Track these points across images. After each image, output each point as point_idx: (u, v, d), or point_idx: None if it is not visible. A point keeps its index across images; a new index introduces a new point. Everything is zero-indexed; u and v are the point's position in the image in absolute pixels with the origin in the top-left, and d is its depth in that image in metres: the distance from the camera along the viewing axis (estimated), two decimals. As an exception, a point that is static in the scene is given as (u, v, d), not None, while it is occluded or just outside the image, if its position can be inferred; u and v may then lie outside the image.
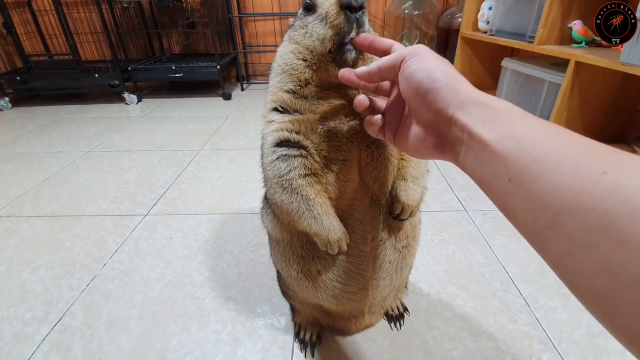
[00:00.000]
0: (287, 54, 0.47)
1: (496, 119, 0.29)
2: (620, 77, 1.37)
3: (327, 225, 0.48)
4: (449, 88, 0.31)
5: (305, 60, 0.45)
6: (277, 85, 0.49)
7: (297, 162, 0.45)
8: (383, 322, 0.76)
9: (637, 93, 1.48)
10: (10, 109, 2.29)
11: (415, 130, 0.35)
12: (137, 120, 2.05)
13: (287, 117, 0.47)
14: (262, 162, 0.51)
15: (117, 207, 1.19)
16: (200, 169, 1.44)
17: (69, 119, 2.09)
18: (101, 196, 1.26)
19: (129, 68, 2.30)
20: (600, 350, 0.68)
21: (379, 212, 0.52)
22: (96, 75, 2.24)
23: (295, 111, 0.47)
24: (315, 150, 0.46)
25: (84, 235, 1.06)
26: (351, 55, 0.42)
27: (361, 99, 0.40)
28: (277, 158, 0.46)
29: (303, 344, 0.70)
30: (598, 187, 0.21)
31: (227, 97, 2.40)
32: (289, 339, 0.73)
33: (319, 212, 0.47)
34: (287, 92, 0.47)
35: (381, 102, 0.42)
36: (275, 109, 0.49)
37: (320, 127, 0.46)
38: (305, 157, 0.46)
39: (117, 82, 2.25)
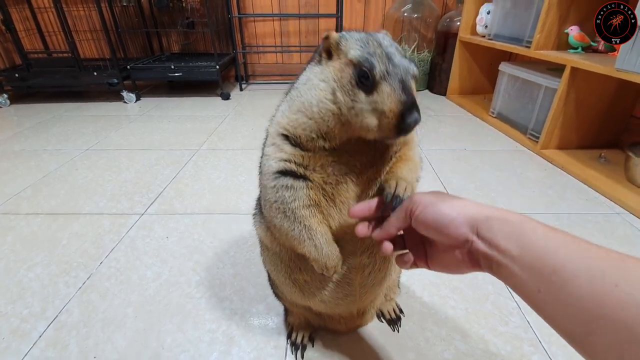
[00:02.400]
0: (324, 108, 0.41)
1: (514, 232, 0.32)
2: (615, 83, 1.38)
3: (327, 253, 0.48)
4: (460, 216, 0.36)
5: (343, 125, 0.42)
6: (296, 120, 0.44)
7: (302, 192, 0.45)
8: (376, 323, 0.77)
9: (632, 99, 1.49)
10: (9, 106, 2.29)
11: (446, 255, 0.40)
12: (135, 119, 2.06)
13: (297, 151, 0.45)
14: (261, 180, 0.50)
15: (115, 206, 1.19)
16: (198, 169, 1.45)
17: (67, 117, 2.09)
18: (98, 194, 1.26)
19: (128, 67, 2.30)
20: (589, 353, 0.69)
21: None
22: (95, 73, 2.24)
23: (307, 150, 0.45)
24: (321, 186, 0.46)
25: (81, 233, 1.06)
26: (390, 141, 0.44)
27: (386, 247, 0.44)
28: (282, 187, 0.45)
29: (294, 347, 0.70)
30: (613, 299, 0.24)
31: (226, 97, 2.41)
32: (283, 338, 0.74)
33: (320, 242, 0.47)
34: (305, 132, 0.44)
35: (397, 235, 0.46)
36: (286, 137, 0.46)
37: (331, 168, 0.45)
38: (311, 188, 0.46)
39: (115, 81, 2.25)
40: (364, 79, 0.39)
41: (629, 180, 1.28)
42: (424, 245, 0.44)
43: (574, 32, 1.49)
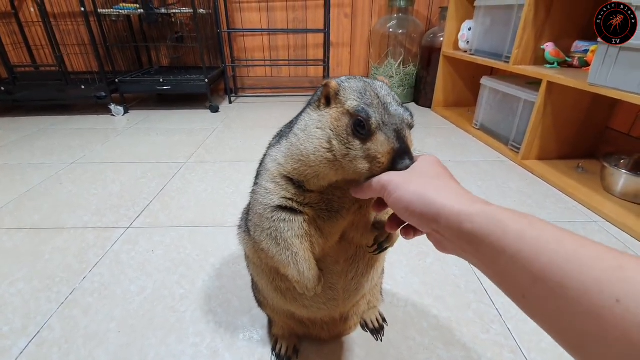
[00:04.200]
0: (320, 157, 0.43)
1: (478, 232, 0.29)
2: (590, 96, 1.44)
3: (308, 276, 0.50)
4: (418, 208, 0.33)
5: (337, 170, 0.43)
6: (298, 169, 0.46)
7: (297, 225, 0.48)
8: (359, 332, 0.77)
9: (607, 111, 1.56)
10: (-7, 119, 2.27)
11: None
12: (122, 132, 2.05)
13: (299, 192, 0.48)
14: (255, 208, 0.51)
15: (99, 220, 1.19)
16: (185, 182, 1.45)
17: (54, 130, 2.08)
18: (83, 208, 1.25)
19: (116, 80, 2.31)
20: (565, 357, 0.71)
21: (351, 244, 0.55)
22: (82, 87, 2.24)
23: (307, 191, 0.48)
24: (314, 219, 0.49)
25: (64, 248, 1.05)
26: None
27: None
28: (280, 219, 0.47)
29: (279, 358, 0.71)
30: (616, 319, 0.21)
31: (215, 109, 2.42)
32: (267, 351, 0.74)
33: (303, 267, 0.49)
34: (307, 178, 0.47)
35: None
36: (290, 179, 0.48)
37: (325, 205, 0.48)
38: (305, 221, 0.48)
39: (103, 94, 2.25)
40: (360, 128, 0.40)
41: (605, 189, 1.32)
42: None
43: (549, 48, 1.56)
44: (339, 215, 0.49)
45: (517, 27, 1.61)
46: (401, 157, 0.38)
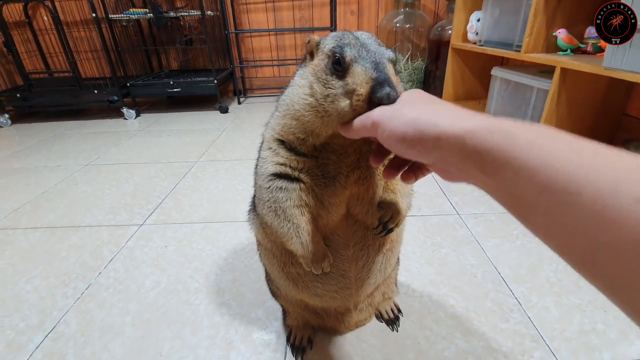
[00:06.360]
0: (303, 104, 0.43)
1: (473, 152, 0.27)
2: (605, 82, 1.40)
3: (313, 251, 0.50)
4: (410, 135, 0.30)
5: (322, 118, 0.42)
6: (285, 124, 0.46)
7: (294, 194, 0.47)
8: (375, 323, 0.76)
9: (623, 97, 1.51)
10: (10, 125, 2.32)
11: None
12: (135, 134, 2.08)
13: (292, 156, 0.47)
14: (256, 180, 0.52)
15: (114, 218, 1.20)
16: (197, 180, 1.46)
17: (68, 135, 2.12)
18: (98, 207, 1.27)
19: (128, 84, 2.34)
20: (591, 346, 0.68)
21: (358, 223, 0.54)
22: (95, 91, 2.28)
23: (301, 154, 0.47)
24: (311, 188, 0.48)
25: (79, 245, 1.06)
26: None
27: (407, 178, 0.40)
28: (276, 188, 0.47)
29: (294, 349, 0.70)
30: (633, 220, 0.18)
31: (224, 110, 2.44)
32: (282, 342, 0.73)
33: (307, 240, 0.49)
34: (295, 135, 0.47)
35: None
36: (282, 142, 0.48)
37: (320, 170, 0.47)
38: (302, 190, 0.48)
39: (115, 98, 2.29)
40: (337, 65, 0.39)
41: (626, 177, 1.28)
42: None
43: (562, 34, 1.52)
44: (337, 182, 0.47)
45: (527, 15, 1.57)
46: (380, 85, 0.36)
